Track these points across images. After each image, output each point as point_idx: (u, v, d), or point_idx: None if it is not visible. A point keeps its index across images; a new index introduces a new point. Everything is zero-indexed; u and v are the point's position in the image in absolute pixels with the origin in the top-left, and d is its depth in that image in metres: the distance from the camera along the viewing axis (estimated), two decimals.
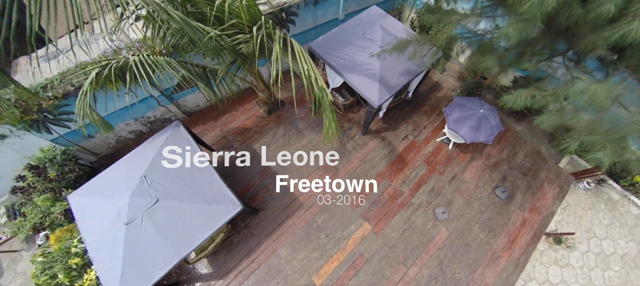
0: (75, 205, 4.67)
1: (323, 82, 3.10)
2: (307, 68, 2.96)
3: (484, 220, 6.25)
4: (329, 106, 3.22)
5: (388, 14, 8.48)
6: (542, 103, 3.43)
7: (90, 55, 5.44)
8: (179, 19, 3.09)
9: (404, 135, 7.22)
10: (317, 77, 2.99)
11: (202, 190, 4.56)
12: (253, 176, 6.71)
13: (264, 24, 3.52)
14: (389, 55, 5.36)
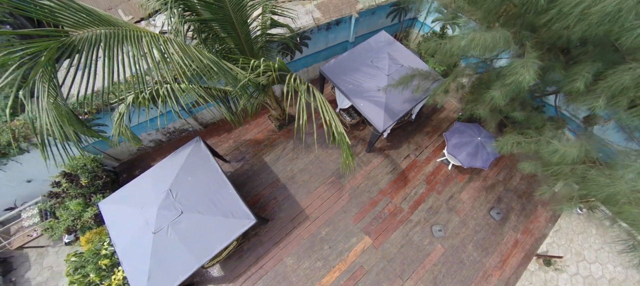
0: (106, 211, 5.25)
1: (342, 127, 3.57)
2: (328, 118, 3.44)
3: (478, 239, 6.69)
4: (347, 145, 3.68)
5: (396, 36, 8.98)
6: (526, 149, 3.89)
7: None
8: (211, 62, 3.61)
9: (406, 154, 7.68)
10: (337, 124, 3.46)
11: (221, 204, 5.11)
12: (263, 187, 7.24)
13: (292, 80, 3.88)
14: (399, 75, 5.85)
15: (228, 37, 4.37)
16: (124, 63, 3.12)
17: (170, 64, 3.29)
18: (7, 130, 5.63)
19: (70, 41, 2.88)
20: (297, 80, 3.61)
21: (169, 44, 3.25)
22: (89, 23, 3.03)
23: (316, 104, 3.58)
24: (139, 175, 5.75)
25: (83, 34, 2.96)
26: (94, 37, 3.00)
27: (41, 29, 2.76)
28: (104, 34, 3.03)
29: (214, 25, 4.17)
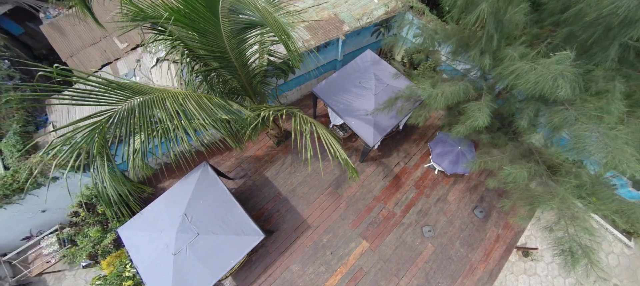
0: (126, 236, 5.80)
1: (345, 154, 4.21)
2: (333, 151, 4.09)
3: (464, 237, 7.49)
4: (352, 168, 4.30)
5: (381, 50, 9.72)
6: (491, 167, 4.66)
7: None
8: (220, 109, 4.23)
9: (396, 162, 8.42)
10: (341, 153, 4.09)
11: (232, 223, 5.73)
12: (267, 201, 7.87)
13: (298, 125, 4.46)
14: (385, 97, 6.57)
15: (232, 78, 4.99)
16: (152, 122, 3.70)
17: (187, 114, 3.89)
18: (25, 167, 6.12)
19: (115, 114, 3.46)
20: (301, 120, 4.25)
21: (187, 100, 3.85)
22: (126, 97, 3.59)
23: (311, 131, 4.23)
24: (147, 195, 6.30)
25: (123, 107, 3.53)
26: (131, 108, 3.57)
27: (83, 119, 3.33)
28: (138, 104, 3.60)
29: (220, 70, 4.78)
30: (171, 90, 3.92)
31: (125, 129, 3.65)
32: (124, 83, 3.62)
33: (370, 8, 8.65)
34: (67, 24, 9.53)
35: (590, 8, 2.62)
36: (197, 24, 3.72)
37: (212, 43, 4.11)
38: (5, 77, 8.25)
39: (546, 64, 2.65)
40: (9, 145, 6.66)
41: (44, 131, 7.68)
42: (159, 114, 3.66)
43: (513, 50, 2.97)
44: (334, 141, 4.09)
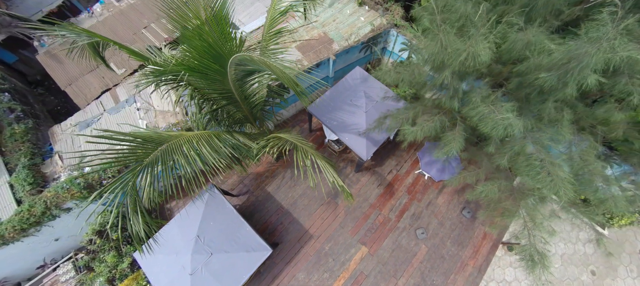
0: (142, 260, 6.29)
1: (342, 183, 4.79)
2: (332, 180, 4.67)
3: (454, 236, 8.22)
4: (347, 193, 4.89)
5: (370, 63, 10.35)
6: (470, 181, 5.35)
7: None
8: (228, 145, 4.77)
9: (389, 170, 9.10)
10: (339, 181, 4.68)
11: (241, 241, 6.29)
12: (270, 215, 8.44)
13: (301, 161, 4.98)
14: (375, 114, 7.22)
15: (236, 111, 5.52)
16: (172, 166, 4.21)
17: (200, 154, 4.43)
18: (40, 202, 6.53)
19: (144, 163, 3.96)
20: (303, 155, 4.83)
21: (201, 143, 4.38)
22: (152, 149, 4.08)
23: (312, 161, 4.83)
24: (154, 216, 6.77)
25: (149, 159, 4.03)
26: (155, 159, 4.06)
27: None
28: (161, 153, 4.10)
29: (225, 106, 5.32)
30: (186, 134, 4.44)
31: (150, 177, 4.14)
32: (148, 136, 4.12)
33: (358, 26, 9.27)
34: (62, 52, 9.84)
35: (529, 75, 3.24)
36: (208, 76, 4.26)
37: (219, 87, 4.65)
38: (6, 110, 8.53)
39: (500, 110, 3.29)
40: (20, 179, 7.04)
41: (50, 161, 8.05)
42: (179, 159, 4.18)
43: (477, 95, 3.61)
44: (332, 171, 4.70)
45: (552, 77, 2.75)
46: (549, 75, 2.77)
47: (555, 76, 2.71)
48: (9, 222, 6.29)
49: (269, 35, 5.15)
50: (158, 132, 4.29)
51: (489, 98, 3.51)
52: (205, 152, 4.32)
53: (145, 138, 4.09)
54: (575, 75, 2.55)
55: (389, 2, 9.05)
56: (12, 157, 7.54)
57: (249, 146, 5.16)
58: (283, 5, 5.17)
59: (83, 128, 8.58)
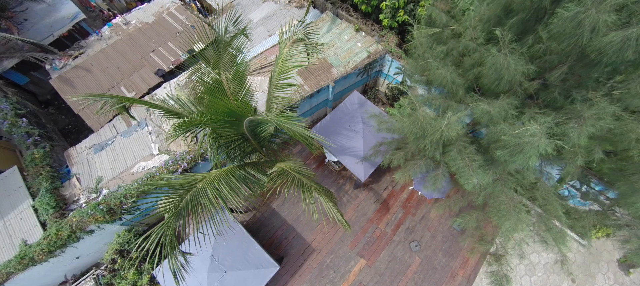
0: (162, 278, 7.00)
1: (343, 217, 5.50)
2: (332, 215, 5.40)
3: (446, 248, 9.02)
4: (346, 223, 5.60)
5: (367, 85, 11.09)
6: (454, 208, 6.16)
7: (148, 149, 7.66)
8: (242, 182, 5.48)
9: (385, 186, 9.87)
10: (338, 215, 5.40)
11: (251, 259, 7.01)
12: (275, 230, 9.17)
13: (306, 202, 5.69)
14: (371, 138, 7.98)
15: (247, 146, 6.23)
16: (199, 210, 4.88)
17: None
18: (66, 226, 7.19)
19: (179, 208, 4.62)
20: (308, 195, 5.53)
21: (221, 183, 5.08)
22: (183, 195, 4.75)
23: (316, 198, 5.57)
24: None
25: (181, 205, 4.69)
26: (185, 204, 4.72)
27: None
28: (189, 198, 4.77)
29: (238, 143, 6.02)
30: (209, 176, 5.12)
31: (183, 221, 4.78)
32: (179, 184, 4.80)
33: (355, 52, 10.01)
34: (75, 76, 10.45)
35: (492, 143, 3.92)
36: (226, 126, 4.97)
37: (234, 132, 5.36)
38: (24, 135, 9.12)
39: (472, 166, 4.05)
40: (44, 203, 7.68)
41: (68, 184, 8.68)
42: (205, 202, 4.86)
43: (454, 148, 4.37)
44: (332, 206, 5.43)
45: (504, 153, 3.49)
46: (502, 152, 3.51)
47: (508, 153, 3.44)
48: (38, 245, 6.95)
49: (278, 85, 5.84)
50: (187, 178, 4.95)
51: (465, 150, 4.26)
52: (225, 192, 5.01)
53: (177, 187, 4.77)
54: (521, 158, 3.27)
55: (383, 30, 9.78)
56: (33, 181, 8.16)
57: (260, 179, 5.87)
58: (290, 59, 5.81)
59: (98, 150, 9.21)
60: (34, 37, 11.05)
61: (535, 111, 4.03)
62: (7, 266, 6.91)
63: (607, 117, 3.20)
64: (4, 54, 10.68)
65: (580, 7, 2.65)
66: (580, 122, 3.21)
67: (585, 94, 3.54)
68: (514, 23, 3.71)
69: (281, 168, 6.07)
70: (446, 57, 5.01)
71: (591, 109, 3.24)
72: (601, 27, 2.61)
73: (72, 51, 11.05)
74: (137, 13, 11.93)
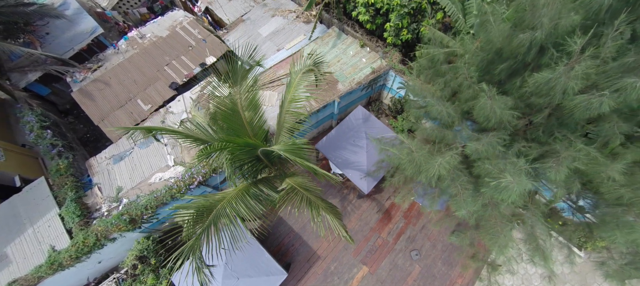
0: (178, 283, 7.58)
1: (347, 234, 6.01)
2: (338, 232, 5.91)
3: (445, 257, 9.48)
4: (350, 239, 6.11)
5: (371, 98, 11.54)
6: (450, 224, 6.64)
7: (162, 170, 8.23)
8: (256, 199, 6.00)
9: (387, 197, 10.34)
10: (344, 234, 5.90)
11: (262, 267, 7.56)
12: (283, 238, 9.72)
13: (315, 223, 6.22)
14: (375, 154, 8.45)
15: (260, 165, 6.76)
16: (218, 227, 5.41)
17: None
18: (92, 234, 7.80)
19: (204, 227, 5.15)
20: (315, 214, 6.04)
21: (239, 202, 5.61)
22: (206, 217, 5.27)
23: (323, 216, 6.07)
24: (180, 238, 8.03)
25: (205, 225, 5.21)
26: (209, 224, 5.24)
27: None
28: (212, 217, 5.31)
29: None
30: (227, 197, 5.65)
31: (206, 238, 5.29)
32: (202, 206, 5.33)
33: (360, 67, 10.46)
34: (94, 89, 11.08)
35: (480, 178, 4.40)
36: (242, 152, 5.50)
37: (249, 155, 5.89)
38: (49, 146, 9.77)
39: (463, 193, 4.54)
40: (70, 212, 8.31)
41: (90, 193, 9.30)
42: (225, 221, 5.40)
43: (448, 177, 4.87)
44: (340, 226, 5.92)
45: (490, 190, 3.95)
46: (487, 189, 3.96)
47: (492, 189, 3.90)
48: (67, 252, 7.58)
49: (289, 111, 6.33)
50: (208, 199, 5.48)
51: (458, 179, 4.72)
52: (242, 210, 5.55)
53: (201, 209, 5.30)
54: (504, 194, 3.70)
55: (387, 46, 10.21)
56: (59, 191, 8.79)
57: (271, 196, 6.39)
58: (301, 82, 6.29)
59: (117, 161, 9.82)
60: (56, 51, 11.69)
61: (522, 145, 4.48)
62: (39, 271, 7.55)
63: (582, 157, 3.63)
64: (28, 68, 11.36)
65: (553, 74, 3.10)
66: (558, 162, 3.65)
67: (566, 133, 3.98)
68: (504, 68, 4.15)
69: (290, 185, 6.59)
70: (444, 89, 5.48)
71: (568, 150, 3.68)
72: (569, 92, 3.07)
73: (91, 64, 11.67)
74: (152, 27, 12.51)
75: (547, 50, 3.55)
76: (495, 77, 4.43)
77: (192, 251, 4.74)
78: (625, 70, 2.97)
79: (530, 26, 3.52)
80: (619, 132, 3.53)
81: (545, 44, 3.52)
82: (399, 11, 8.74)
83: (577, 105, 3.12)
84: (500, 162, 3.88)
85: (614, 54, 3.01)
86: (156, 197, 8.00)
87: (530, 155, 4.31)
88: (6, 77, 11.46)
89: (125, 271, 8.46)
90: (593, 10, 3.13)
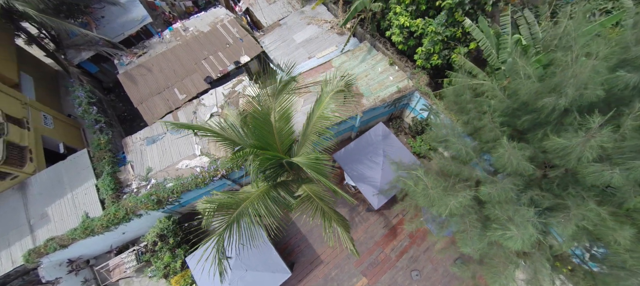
0: (192, 264, 8.13)
1: (353, 247, 6.30)
2: (348, 246, 6.20)
3: (445, 282, 9.52)
4: (356, 251, 6.39)
5: (392, 115, 11.69)
6: (456, 253, 6.72)
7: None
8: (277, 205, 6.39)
9: (395, 214, 10.49)
10: (351, 247, 6.19)
11: (269, 263, 7.97)
12: (290, 237, 10.11)
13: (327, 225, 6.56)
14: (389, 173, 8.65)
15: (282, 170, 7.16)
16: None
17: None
18: (123, 208, 8.48)
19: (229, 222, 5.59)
20: (327, 225, 6.35)
21: (260, 203, 6.02)
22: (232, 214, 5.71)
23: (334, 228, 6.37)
24: (196, 222, 8.53)
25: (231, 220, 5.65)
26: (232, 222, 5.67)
27: None
28: (236, 215, 5.73)
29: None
30: (250, 197, 6.07)
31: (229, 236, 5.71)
32: (228, 203, 5.77)
33: (386, 84, 10.64)
34: (137, 74, 11.90)
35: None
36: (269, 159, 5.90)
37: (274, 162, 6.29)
38: (93, 122, 10.61)
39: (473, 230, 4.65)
40: (105, 184, 9.05)
41: (124, 169, 10.05)
42: (247, 220, 5.81)
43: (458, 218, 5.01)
44: (348, 240, 6.21)
45: (497, 235, 4.09)
46: (494, 234, 4.11)
47: (500, 235, 4.04)
48: (99, 220, 8.31)
49: (314, 128, 6.67)
50: (233, 198, 5.92)
51: (468, 216, 4.88)
52: (263, 211, 5.95)
53: (228, 205, 5.74)
54: (511, 242, 3.85)
55: (416, 68, 10.33)
56: (98, 164, 9.58)
57: (289, 200, 6.77)
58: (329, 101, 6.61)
59: (150, 143, 10.54)
60: (108, 34, 12.64)
61: (536, 192, 4.58)
62: (73, 233, 8.33)
63: (592, 217, 3.72)
64: (83, 46, 12.37)
65: (570, 142, 3.23)
66: (568, 218, 3.75)
67: (580, 191, 4.06)
68: (528, 119, 4.28)
69: (306, 193, 6.94)
70: (467, 124, 5.63)
71: (579, 207, 3.77)
72: (583, 160, 3.19)
73: (137, 49, 12.54)
74: (195, 21, 13.24)
75: (571, 112, 3.67)
76: (518, 125, 4.55)
77: (217, 243, 5.17)
78: (637, 151, 3.07)
79: (556, 90, 3.64)
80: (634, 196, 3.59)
81: (570, 107, 3.63)
82: (433, 38, 8.87)
83: (590, 173, 3.23)
84: (511, 208, 4.02)
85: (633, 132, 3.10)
86: (182, 183, 8.59)
87: (543, 204, 4.42)
88: (63, 52, 12.54)
89: (144, 245, 9.13)
90: (619, 87, 3.23)
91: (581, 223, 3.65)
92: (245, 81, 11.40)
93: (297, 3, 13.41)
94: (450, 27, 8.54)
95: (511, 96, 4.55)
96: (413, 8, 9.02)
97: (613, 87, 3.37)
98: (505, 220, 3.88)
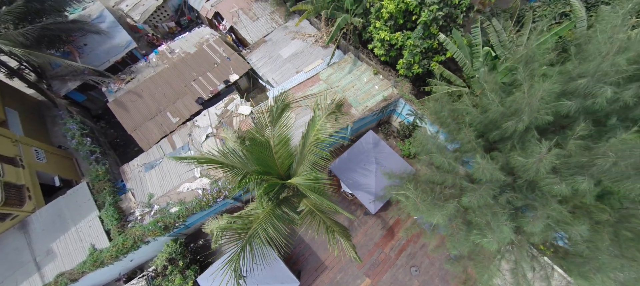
0: (203, 284, 8.64)
1: (355, 253, 7.00)
2: (350, 254, 6.89)
3: (442, 275, 10.41)
4: (358, 258, 7.10)
5: (380, 121, 12.45)
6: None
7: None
8: (282, 221, 7.00)
9: (391, 215, 11.29)
10: (353, 254, 6.89)
11: (278, 275, 8.58)
12: (294, 247, 10.74)
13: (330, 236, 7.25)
14: (383, 178, 9.39)
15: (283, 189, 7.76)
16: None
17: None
18: (130, 237, 8.87)
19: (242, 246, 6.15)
20: (331, 236, 7.02)
21: (267, 224, 6.61)
22: (244, 237, 6.28)
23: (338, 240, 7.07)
24: (202, 242, 9.03)
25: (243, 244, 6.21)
26: (245, 244, 6.24)
27: None
28: (248, 238, 6.31)
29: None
30: (258, 218, 6.65)
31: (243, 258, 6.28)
32: (240, 227, 6.33)
33: (372, 93, 11.38)
34: (128, 100, 12.15)
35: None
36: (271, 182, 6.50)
37: (277, 182, 6.88)
38: (88, 153, 10.85)
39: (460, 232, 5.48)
40: (109, 215, 9.39)
41: (125, 197, 10.38)
42: (257, 241, 6.39)
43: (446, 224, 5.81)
44: (350, 248, 6.92)
45: (476, 236, 4.88)
46: (474, 236, 4.90)
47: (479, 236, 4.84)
48: (108, 251, 8.67)
49: (310, 149, 7.29)
50: (243, 220, 6.49)
51: (455, 220, 5.66)
52: (271, 231, 6.55)
53: (238, 230, 6.31)
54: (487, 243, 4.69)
55: (399, 77, 11.10)
56: (98, 195, 9.88)
57: (292, 217, 7.39)
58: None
59: (148, 169, 10.88)
60: (93, 62, 12.78)
61: (510, 195, 5.40)
62: (83, 267, 8.66)
63: (555, 215, 4.55)
64: (68, 76, 12.48)
65: (528, 159, 4.02)
66: (536, 217, 4.56)
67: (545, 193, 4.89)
68: (497, 134, 5.07)
69: (308, 208, 7.58)
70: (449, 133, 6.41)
71: (544, 208, 4.59)
72: (540, 174, 3.98)
73: (124, 75, 12.75)
74: (180, 42, 13.55)
75: (531, 129, 4.47)
76: (490, 138, 5.35)
77: (233, 265, 5.74)
78: (579, 167, 3.89)
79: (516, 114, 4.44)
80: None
81: (529, 126, 4.43)
82: (412, 50, 9.64)
83: (546, 183, 4.02)
84: (489, 212, 4.81)
85: (576, 150, 3.92)
86: (187, 207, 9.04)
87: (517, 203, 5.24)
88: (48, 83, 12.60)
89: (154, 269, 9.54)
90: (562, 114, 4.02)
91: (546, 221, 4.46)
92: (236, 99, 11.86)
93: (280, 18, 13.92)
94: (427, 39, 9.32)
95: (482, 113, 5.33)
96: (392, 23, 9.74)
97: (558, 111, 4.17)
98: (483, 226, 4.65)
